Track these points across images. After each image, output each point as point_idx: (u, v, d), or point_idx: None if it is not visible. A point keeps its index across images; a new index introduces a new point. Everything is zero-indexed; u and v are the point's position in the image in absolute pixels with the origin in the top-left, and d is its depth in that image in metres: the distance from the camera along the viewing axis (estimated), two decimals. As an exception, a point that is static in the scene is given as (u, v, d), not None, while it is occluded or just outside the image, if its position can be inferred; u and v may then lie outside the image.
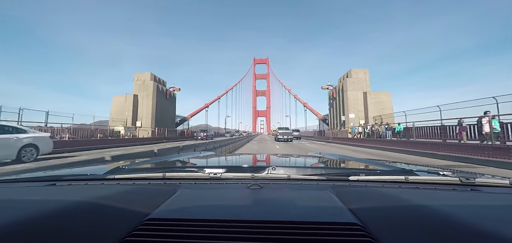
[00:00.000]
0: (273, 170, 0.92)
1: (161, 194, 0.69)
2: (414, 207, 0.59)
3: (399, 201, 0.63)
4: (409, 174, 0.90)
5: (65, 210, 0.56)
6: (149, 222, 0.51)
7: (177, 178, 0.90)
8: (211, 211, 0.58)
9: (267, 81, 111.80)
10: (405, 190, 0.75)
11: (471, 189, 0.78)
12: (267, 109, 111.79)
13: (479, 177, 0.86)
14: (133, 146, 16.11)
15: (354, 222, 0.49)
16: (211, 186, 0.82)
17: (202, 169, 0.97)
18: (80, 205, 0.59)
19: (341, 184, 0.81)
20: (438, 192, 0.74)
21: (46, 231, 0.46)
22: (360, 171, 0.96)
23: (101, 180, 0.90)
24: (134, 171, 1.04)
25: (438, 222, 0.49)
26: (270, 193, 0.72)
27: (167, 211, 0.57)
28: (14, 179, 0.97)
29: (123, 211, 0.57)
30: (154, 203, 0.61)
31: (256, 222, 0.50)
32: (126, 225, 0.50)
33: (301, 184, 0.83)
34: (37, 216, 0.51)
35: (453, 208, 0.57)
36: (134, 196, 0.69)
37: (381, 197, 0.66)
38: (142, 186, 0.81)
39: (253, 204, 0.63)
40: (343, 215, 0.54)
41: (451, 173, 0.89)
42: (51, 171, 1.17)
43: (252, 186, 0.76)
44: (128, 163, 1.27)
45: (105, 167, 1.15)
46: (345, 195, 0.68)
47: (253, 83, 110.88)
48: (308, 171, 1.03)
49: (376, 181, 0.85)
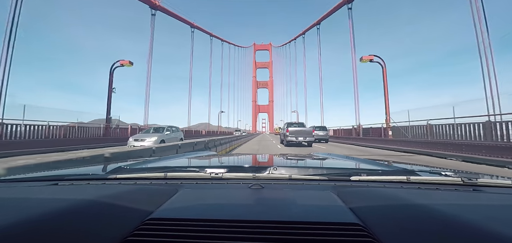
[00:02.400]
0: (275, 170, 0.92)
1: (162, 193, 0.70)
2: (416, 207, 0.59)
3: (401, 201, 0.63)
4: (411, 174, 0.90)
5: (67, 209, 0.56)
6: (151, 221, 0.51)
7: (179, 177, 0.90)
8: (212, 211, 0.58)
9: (270, 71, 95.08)
10: (407, 190, 0.75)
11: (473, 189, 0.77)
12: (269, 104, 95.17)
13: (481, 177, 0.86)
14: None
15: (355, 222, 0.49)
16: (212, 185, 0.83)
17: (203, 168, 0.97)
18: (82, 205, 0.59)
19: (342, 184, 0.81)
20: (440, 192, 0.75)
21: (48, 231, 0.46)
22: (361, 171, 0.96)
23: (102, 180, 0.91)
24: (136, 171, 1.05)
25: (440, 223, 0.49)
26: (272, 193, 0.73)
27: (169, 211, 0.57)
28: (16, 178, 0.99)
29: (125, 210, 0.57)
30: (156, 203, 0.61)
31: (257, 222, 0.50)
32: (127, 225, 0.50)
33: (302, 184, 0.83)
34: (39, 216, 0.51)
35: (455, 208, 0.57)
36: (135, 195, 0.70)
37: (383, 197, 0.66)
38: (143, 186, 0.81)
39: (254, 204, 0.64)
40: (344, 215, 0.54)
41: (453, 173, 0.89)
42: (53, 170, 1.18)
43: (254, 186, 0.76)
44: (129, 163, 1.28)
45: (106, 167, 1.14)
46: (346, 195, 0.68)
47: (253, 73, 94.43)
48: (310, 171, 1.02)
49: (378, 181, 0.85)
